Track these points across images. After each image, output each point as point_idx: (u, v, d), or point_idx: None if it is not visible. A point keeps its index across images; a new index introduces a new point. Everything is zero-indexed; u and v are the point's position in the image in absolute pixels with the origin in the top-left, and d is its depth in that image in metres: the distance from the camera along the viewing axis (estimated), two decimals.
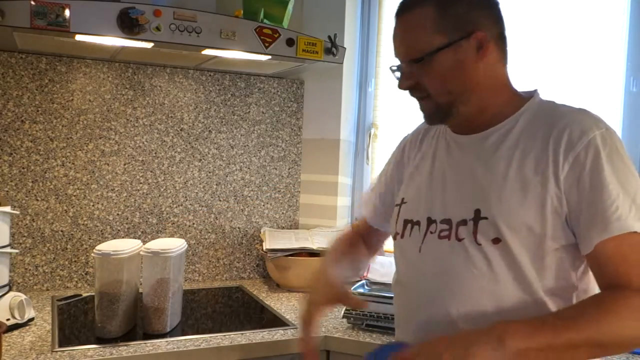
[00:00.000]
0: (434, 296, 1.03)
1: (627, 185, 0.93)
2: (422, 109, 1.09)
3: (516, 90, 1.09)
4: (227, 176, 2.12)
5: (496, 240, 0.97)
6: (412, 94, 1.08)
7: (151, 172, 2.00)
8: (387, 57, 2.20)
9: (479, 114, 1.06)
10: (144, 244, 1.55)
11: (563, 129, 0.96)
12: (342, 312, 1.61)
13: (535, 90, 1.09)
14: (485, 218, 0.99)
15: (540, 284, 0.97)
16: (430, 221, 1.08)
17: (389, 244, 2.25)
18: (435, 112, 1.07)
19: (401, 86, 1.07)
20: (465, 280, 1.00)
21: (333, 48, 1.82)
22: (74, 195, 1.89)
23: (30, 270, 1.85)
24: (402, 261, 1.14)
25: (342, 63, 1.89)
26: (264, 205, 2.19)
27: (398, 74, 1.08)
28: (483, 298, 0.98)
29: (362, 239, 1.37)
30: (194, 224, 2.08)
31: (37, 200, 1.85)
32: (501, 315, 0.97)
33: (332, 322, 1.64)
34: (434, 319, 1.02)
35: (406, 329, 1.10)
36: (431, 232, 1.07)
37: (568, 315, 0.92)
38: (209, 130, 2.08)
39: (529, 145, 0.99)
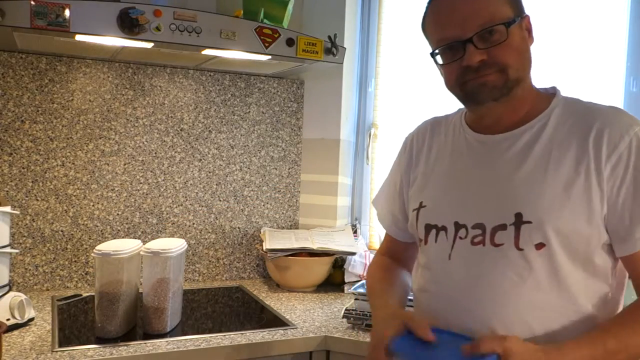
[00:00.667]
0: (468, 305, 0.99)
1: None
2: (483, 82, 0.99)
3: (536, 88, 1.08)
4: (227, 176, 2.12)
5: (540, 246, 0.94)
6: (479, 71, 0.98)
7: (151, 172, 2.00)
8: (387, 57, 2.20)
9: (516, 108, 1.03)
10: (144, 244, 1.55)
11: (602, 128, 0.95)
12: (342, 312, 1.61)
13: (555, 87, 1.07)
14: (529, 222, 0.95)
15: (581, 289, 0.96)
16: (458, 226, 1.03)
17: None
18: (501, 86, 0.99)
19: (474, 60, 0.97)
20: (504, 287, 0.96)
21: (333, 48, 1.82)
22: (74, 195, 1.89)
23: (30, 270, 1.85)
24: (428, 269, 1.09)
25: (342, 63, 1.89)
26: (264, 205, 2.19)
27: (446, 53, 1.01)
28: (523, 305, 0.95)
29: (394, 262, 1.28)
30: (194, 224, 2.08)
31: (37, 200, 1.85)
32: (541, 322, 0.95)
33: (332, 322, 1.64)
34: (469, 327, 0.97)
35: None
36: (461, 238, 1.02)
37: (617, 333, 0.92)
38: (209, 130, 2.08)
39: (565, 145, 0.97)
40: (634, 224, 0.93)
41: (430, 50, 1.05)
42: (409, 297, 1.23)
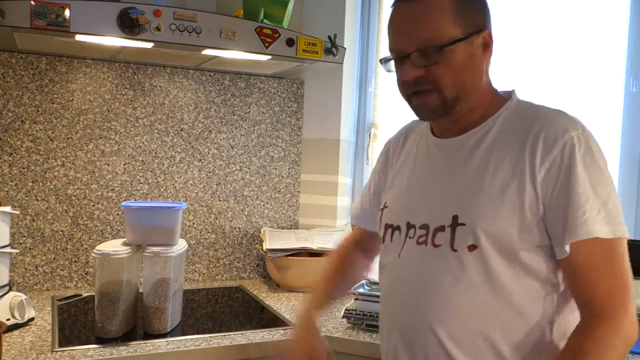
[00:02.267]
0: (412, 303, 1.03)
1: (599, 188, 0.93)
2: (423, 103, 1.02)
3: (497, 91, 1.08)
4: (227, 176, 2.12)
5: (472, 247, 0.97)
6: (416, 86, 1.00)
7: (151, 172, 2.00)
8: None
9: (467, 114, 1.04)
10: None
11: (539, 132, 0.96)
12: (342, 312, 1.61)
13: (513, 91, 1.08)
14: (463, 224, 0.98)
15: (515, 290, 0.97)
16: (409, 226, 1.07)
17: None
18: (439, 107, 1.01)
19: (408, 76, 1.00)
20: (442, 287, 0.99)
21: (333, 48, 1.82)
22: (74, 195, 1.89)
23: (30, 270, 1.85)
24: (384, 267, 1.14)
25: (342, 63, 1.89)
26: (264, 205, 2.19)
27: (391, 65, 1.05)
28: (460, 305, 0.98)
29: (357, 247, 1.36)
30: (194, 224, 2.08)
31: (37, 200, 1.85)
32: (477, 321, 0.97)
33: (332, 322, 1.64)
34: (414, 325, 1.02)
35: (388, 335, 1.10)
36: (410, 237, 1.06)
37: None
38: (209, 130, 2.08)
39: (505, 149, 0.99)
40: (562, 228, 0.93)
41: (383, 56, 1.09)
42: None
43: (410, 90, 1.02)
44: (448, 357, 0.99)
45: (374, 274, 1.97)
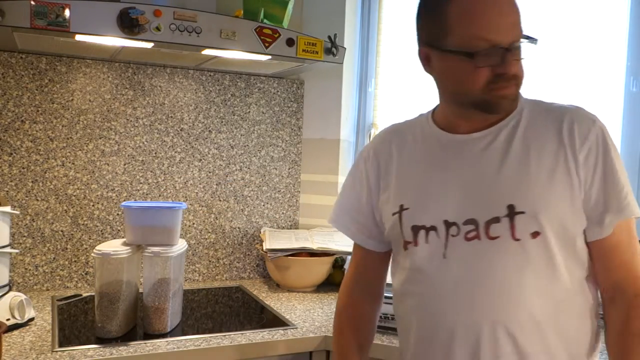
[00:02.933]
0: (470, 300, 1.00)
1: (624, 172, 1.02)
2: (507, 94, 1.01)
3: None
4: (227, 176, 2.12)
5: (535, 234, 0.98)
6: (508, 80, 0.99)
7: (151, 172, 2.00)
8: (387, 57, 2.20)
9: None
10: None
11: (572, 123, 1.01)
12: None
13: None
14: (522, 212, 0.98)
15: (568, 273, 1.00)
16: (448, 224, 1.03)
17: None
18: (515, 99, 1.03)
19: (512, 70, 0.99)
20: (506, 280, 0.98)
21: (333, 48, 1.82)
22: (74, 195, 1.89)
23: (30, 270, 1.85)
24: (417, 271, 1.07)
25: (342, 63, 1.89)
26: (264, 205, 2.19)
27: (497, 55, 0.97)
28: (524, 295, 0.98)
29: (362, 294, 1.25)
30: (194, 224, 2.08)
31: (37, 200, 1.85)
32: (541, 309, 0.98)
33: (332, 322, 1.63)
34: (477, 325, 0.99)
35: (431, 339, 1.05)
36: (453, 235, 1.02)
37: None
38: (209, 130, 2.08)
39: (541, 138, 1.02)
40: (606, 210, 0.99)
41: (454, 48, 0.99)
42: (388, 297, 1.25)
43: (499, 85, 0.99)
44: (519, 353, 0.98)
45: None
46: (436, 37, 1.03)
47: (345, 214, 1.23)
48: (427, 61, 1.08)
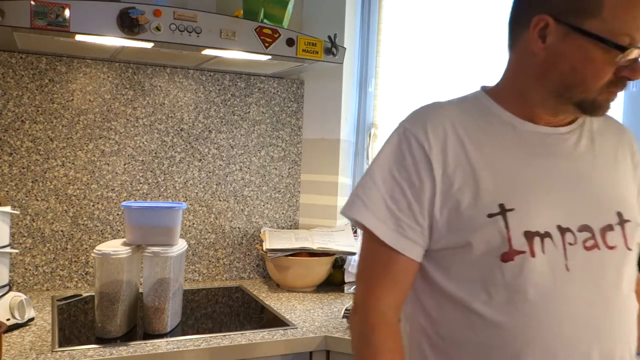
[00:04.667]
0: (603, 324, 0.87)
1: None
2: (614, 99, 0.92)
3: None
4: (227, 176, 2.12)
5: None
6: (624, 86, 0.90)
7: (151, 172, 2.00)
8: (387, 57, 2.20)
9: None
10: None
11: (624, 131, 1.03)
12: (342, 312, 1.61)
13: None
14: (628, 220, 0.90)
15: None
16: (562, 230, 0.88)
17: None
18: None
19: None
20: (626, 293, 0.90)
21: (333, 48, 1.82)
22: (74, 195, 1.89)
23: (30, 270, 1.85)
24: (529, 286, 0.87)
25: (342, 63, 1.89)
26: (264, 205, 2.19)
27: (637, 57, 0.86)
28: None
29: (397, 314, 1.02)
30: (194, 224, 2.08)
31: (37, 200, 1.85)
32: None
33: (332, 322, 1.64)
34: (608, 351, 0.87)
35: None
36: (570, 244, 0.87)
37: None
38: (209, 130, 2.08)
39: (616, 145, 1.00)
40: None
41: (602, 34, 0.84)
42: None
43: (616, 89, 0.89)
44: None
45: None
46: (576, 13, 0.85)
47: (384, 211, 0.95)
48: (541, 34, 0.89)
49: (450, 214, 0.92)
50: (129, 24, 1.52)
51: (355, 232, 2.15)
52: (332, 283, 2.04)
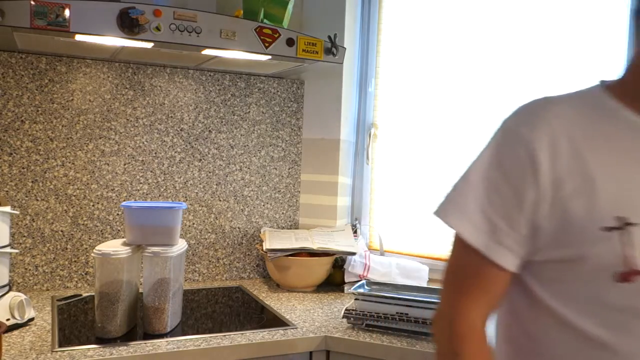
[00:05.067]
0: None
1: None
2: None
3: None
4: (227, 176, 2.12)
5: None
6: None
7: (151, 172, 2.00)
8: (387, 57, 2.20)
9: None
10: None
11: None
12: (342, 312, 1.61)
13: None
14: None
15: None
16: None
17: (392, 243, 2.24)
18: None
19: None
20: None
21: (333, 48, 1.82)
22: (74, 195, 1.89)
23: (30, 270, 1.85)
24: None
25: (342, 63, 1.89)
26: (264, 205, 2.19)
27: None
28: None
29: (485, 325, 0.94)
30: (194, 224, 2.08)
31: (37, 200, 1.85)
32: None
33: (332, 322, 1.64)
34: None
35: None
36: None
37: None
38: (209, 130, 2.08)
39: None
40: None
41: None
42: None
43: None
44: None
45: (373, 273, 1.97)
46: None
47: (479, 214, 0.88)
48: None
49: (558, 224, 0.83)
50: (129, 24, 1.52)
51: (355, 232, 2.15)
52: (332, 283, 2.04)
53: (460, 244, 0.90)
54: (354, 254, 1.98)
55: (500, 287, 0.89)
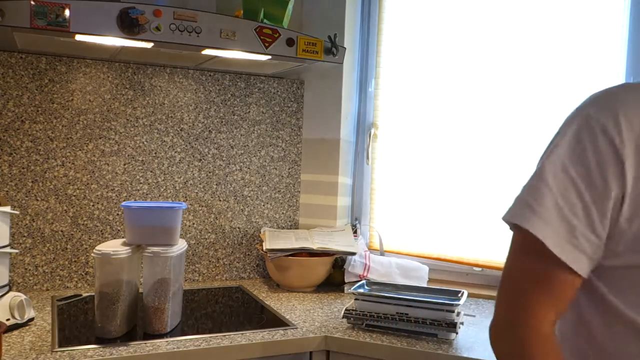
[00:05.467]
0: None
1: None
2: None
3: None
4: (227, 176, 2.12)
5: None
6: None
7: (151, 172, 2.00)
8: (387, 57, 2.20)
9: None
10: None
11: None
12: (342, 312, 1.61)
13: None
14: None
15: None
16: None
17: (391, 243, 2.23)
18: None
19: None
20: None
21: (333, 48, 1.82)
22: (74, 195, 1.89)
23: (30, 270, 1.85)
24: None
25: (342, 63, 1.89)
26: (264, 205, 2.19)
27: None
28: None
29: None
30: (194, 224, 2.08)
31: (37, 200, 1.85)
32: None
33: (332, 322, 1.64)
34: None
35: None
36: None
37: None
38: (209, 130, 2.08)
39: None
40: None
41: None
42: None
43: None
44: None
45: (373, 273, 1.97)
46: None
47: (554, 214, 0.81)
48: None
49: (625, 223, 0.78)
50: (129, 24, 1.52)
51: (355, 232, 2.15)
52: (332, 283, 2.04)
53: (526, 247, 0.84)
54: (354, 254, 1.98)
55: (569, 293, 0.84)
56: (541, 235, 0.81)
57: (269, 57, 1.75)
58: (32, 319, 1.54)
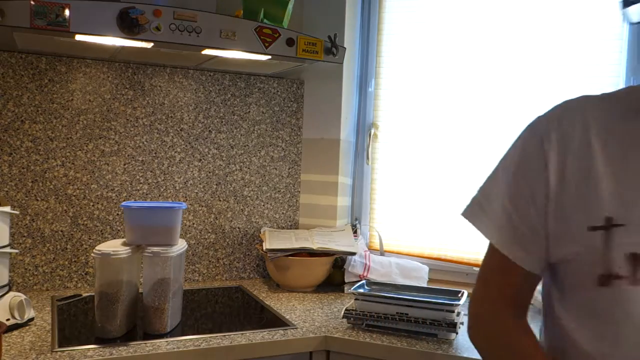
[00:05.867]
0: None
1: None
2: None
3: None
4: (227, 176, 2.12)
5: None
6: None
7: (151, 172, 2.00)
8: (387, 57, 2.20)
9: None
10: None
11: None
12: (342, 312, 1.61)
13: None
14: None
15: None
16: None
17: (391, 243, 2.24)
18: None
19: None
20: None
21: (333, 48, 1.82)
22: (74, 195, 1.89)
23: (30, 270, 1.85)
24: (625, 318, 0.74)
25: (342, 63, 1.89)
26: (264, 205, 2.19)
27: None
28: None
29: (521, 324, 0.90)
30: (193, 224, 2.08)
31: (37, 200, 1.85)
32: None
33: (332, 322, 1.64)
34: None
35: None
36: None
37: None
38: (209, 130, 2.08)
39: None
40: None
41: None
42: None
43: None
44: None
45: (373, 273, 1.97)
46: None
47: (501, 214, 0.87)
48: None
49: (559, 222, 0.82)
50: (128, 24, 1.52)
51: (355, 232, 2.15)
52: (332, 283, 2.04)
53: (490, 244, 0.90)
54: (354, 254, 1.98)
55: (528, 288, 0.89)
56: (488, 234, 0.88)
57: (269, 57, 1.75)
58: (32, 319, 1.54)
